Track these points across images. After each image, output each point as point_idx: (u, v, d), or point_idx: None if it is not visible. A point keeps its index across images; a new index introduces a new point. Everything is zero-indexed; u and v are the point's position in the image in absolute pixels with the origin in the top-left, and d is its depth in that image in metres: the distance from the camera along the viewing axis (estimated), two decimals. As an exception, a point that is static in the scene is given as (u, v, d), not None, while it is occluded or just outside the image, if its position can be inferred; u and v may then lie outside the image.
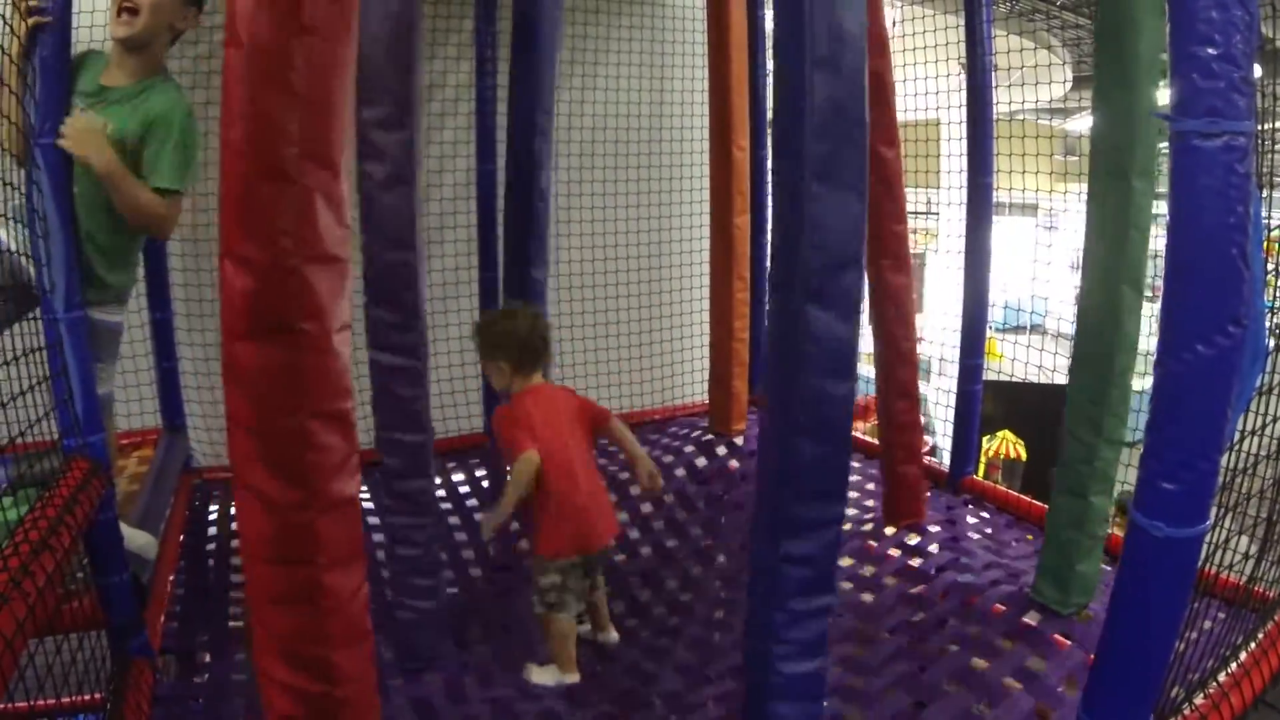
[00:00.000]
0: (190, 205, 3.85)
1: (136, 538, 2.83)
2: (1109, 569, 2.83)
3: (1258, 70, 1.55)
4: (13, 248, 2.45)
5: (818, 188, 1.78)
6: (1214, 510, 1.69)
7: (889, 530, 3.52)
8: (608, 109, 4.94)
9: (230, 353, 1.48)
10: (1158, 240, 2.03)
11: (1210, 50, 1.43)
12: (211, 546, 3.50)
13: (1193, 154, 1.48)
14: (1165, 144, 1.57)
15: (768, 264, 2.04)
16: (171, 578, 3.13)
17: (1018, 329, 10.56)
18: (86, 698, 2.22)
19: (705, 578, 3.48)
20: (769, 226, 4.68)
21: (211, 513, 3.74)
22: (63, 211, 2.38)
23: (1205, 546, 1.77)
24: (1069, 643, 2.59)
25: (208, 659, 2.78)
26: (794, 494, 1.91)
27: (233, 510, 3.64)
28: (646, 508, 4.03)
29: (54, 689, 1.96)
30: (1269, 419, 1.93)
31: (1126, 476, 2.89)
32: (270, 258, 1.43)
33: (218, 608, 3.03)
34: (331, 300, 1.50)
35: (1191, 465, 1.53)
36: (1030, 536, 3.39)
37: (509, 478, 2.73)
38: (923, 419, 7.64)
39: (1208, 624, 2.07)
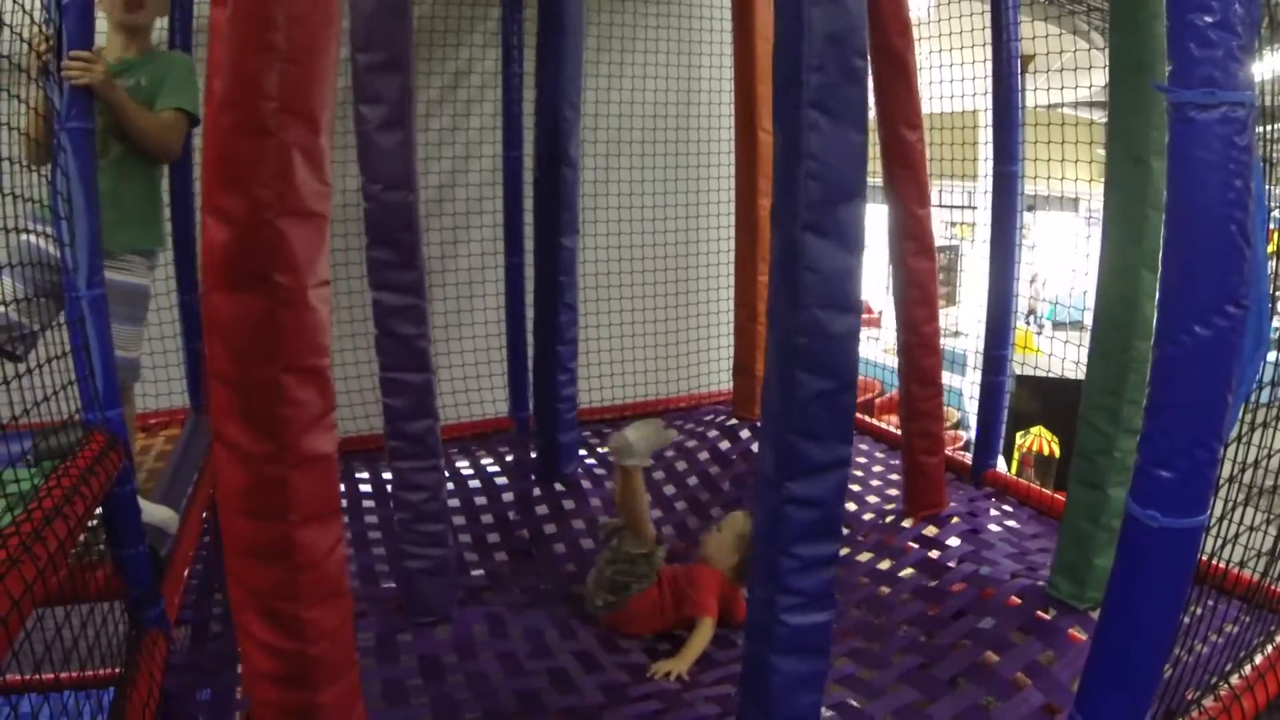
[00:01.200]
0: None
1: (158, 512, 2.87)
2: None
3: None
4: (53, 251, 2.51)
5: (816, 117, 1.76)
6: (1221, 503, 1.65)
7: (907, 522, 3.48)
8: (634, 96, 4.94)
9: (209, 304, 1.50)
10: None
11: (1207, 18, 1.38)
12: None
13: (1189, 126, 1.44)
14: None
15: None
16: (191, 553, 3.16)
17: (1055, 324, 10.42)
18: (106, 672, 2.23)
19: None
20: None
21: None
22: (88, 193, 2.43)
23: (1214, 540, 1.73)
24: (1083, 638, 2.53)
25: (220, 629, 2.80)
26: (797, 432, 1.87)
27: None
28: (669, 489, 4.05)
29: (78, 660, 1.98)
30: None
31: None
32: (247, 210, 1.44)
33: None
34: (307, 255, 1.50)
35: (1188, 453, 1.48)
36: (1051, 530, 3.33)
37: (695, 639, 2.81)
38: (958, 413, 7.59)
39: (1227, 625, 2.03)
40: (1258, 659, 2.13)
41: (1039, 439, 6.70)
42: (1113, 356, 2.54)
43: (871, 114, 2.20)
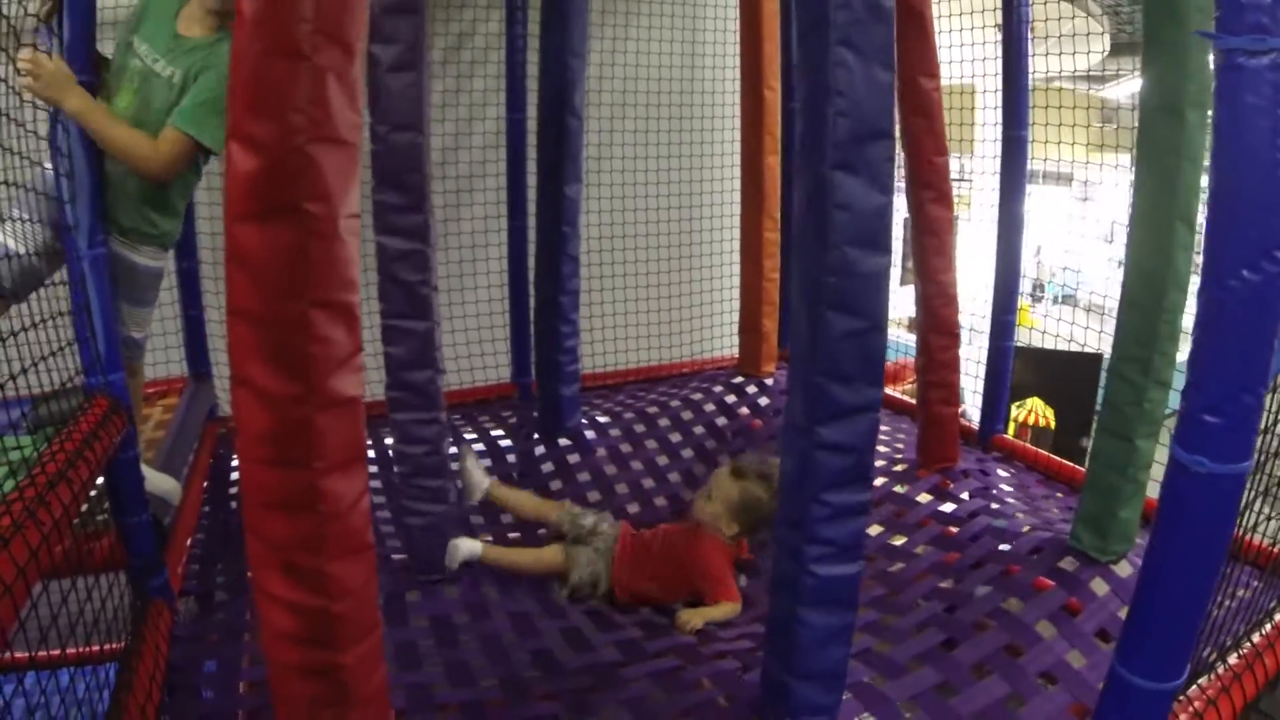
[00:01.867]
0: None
1: (162, 483, 2.84)
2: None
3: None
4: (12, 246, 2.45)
5: (844, 54, 1.74)
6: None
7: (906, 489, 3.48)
8: (639, 59, 4.89)
9: (233, 237, 1.43)
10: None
11: (1254, -33, 1.36)
12: (234, 490, 3.50)
13: (1238, 72, 1.41)
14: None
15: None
16: (194, 522, 3.14)
17: (1049, 299, 10.46)
18: (111, 647, 2.18)
19: None
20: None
21: (235, 459, 3.74)
22: (89, 149, 2.39)
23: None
24: (1107, 589, 2.54)
25: (224, 599, 2.78)
26: (825, 374, 1.84)
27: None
28: (675, 436, 4.08)
29: (83, 634, 1.94)
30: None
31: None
32: (279, 136, 1.38)
33: (238, 551, 3.01)
34: (340, 184, 1.44)
35: (1235, 398, 1.47)
36: (1060, 495, 3.35)
37: (717, 609, 2.81)
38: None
39: (1241, 591, 2.04)
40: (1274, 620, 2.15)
41: (1034, 411, 6.74)
42: (1144, 307, 2.51)
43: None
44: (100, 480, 2.18)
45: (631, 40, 4.84)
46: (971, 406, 3.98)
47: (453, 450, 2.95)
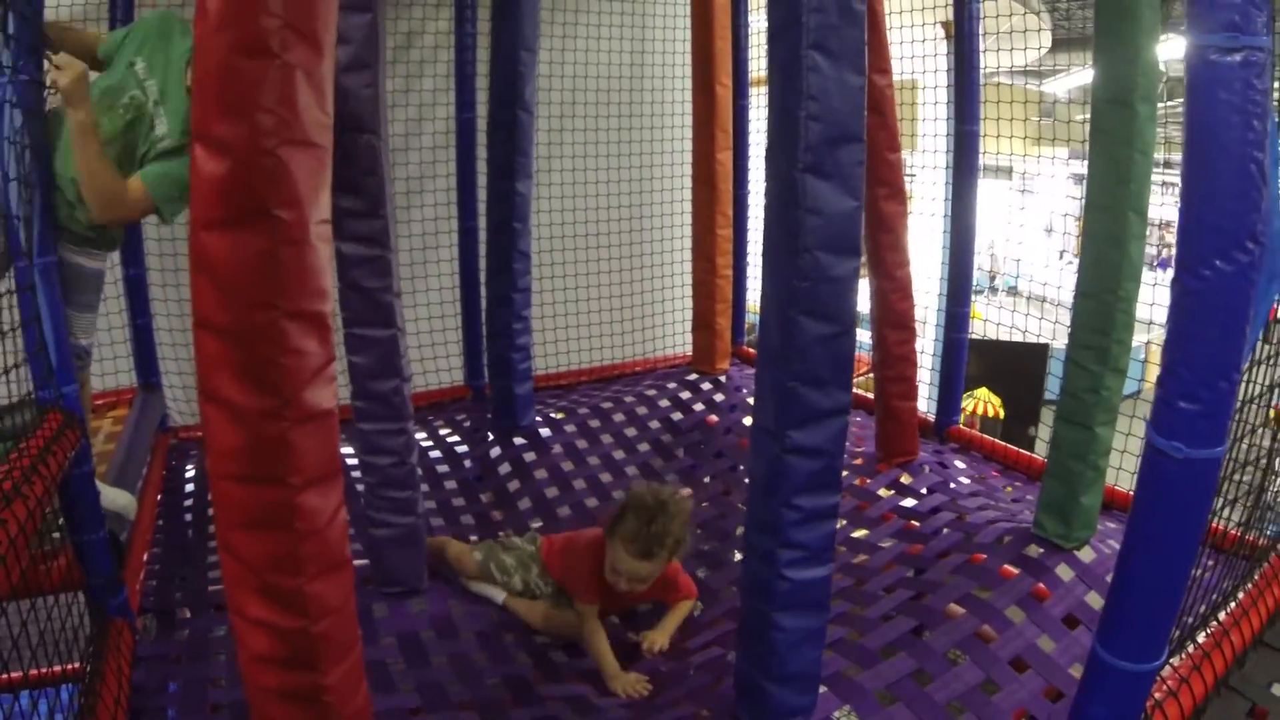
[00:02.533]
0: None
1: (117, 498, 2.76)
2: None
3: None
4: None
5: (816, 59, 1.75)
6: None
7: (866, 482, 3.52)
8: (589, 56, 4.86)
9: (200, 245, 1.38)
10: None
11: (1228, -32, 1.39)
12: (189, 504, 3.42)
13: (1211, 69, 1.44)
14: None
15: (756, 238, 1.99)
16: (150, 538, 3.06)
17: (995, 291, 10.63)
18: (70, 667, 2.11)
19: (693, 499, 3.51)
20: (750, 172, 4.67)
21: (188, 471, 3.67)
22: (40, 156, 2.31)
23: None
24: (1072, 574, 2.58)
25: (187, 616, 2.71)
26: (797, 378, 1.85)
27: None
28: (631, 431, 4.10)
29: (35, 659, 1.86)
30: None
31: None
32: (247, 138, 1.33)
33: (196, 566, 2.97)
34: (310, 189, 1.40)
35: (1211, 384, 1.49)
36: (1018, 484, 3.40)
37: (677, 613, 2.72)
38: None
39: (1204, 573, 2.08)
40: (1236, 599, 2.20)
41: (983, 402, 6.85)
42: (1099, 296, 2.57)
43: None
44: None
45: (581, 37, 4.81)
46: (924, 399, 4.03)
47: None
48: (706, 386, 4.51)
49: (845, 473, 3.46)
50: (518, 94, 3.64)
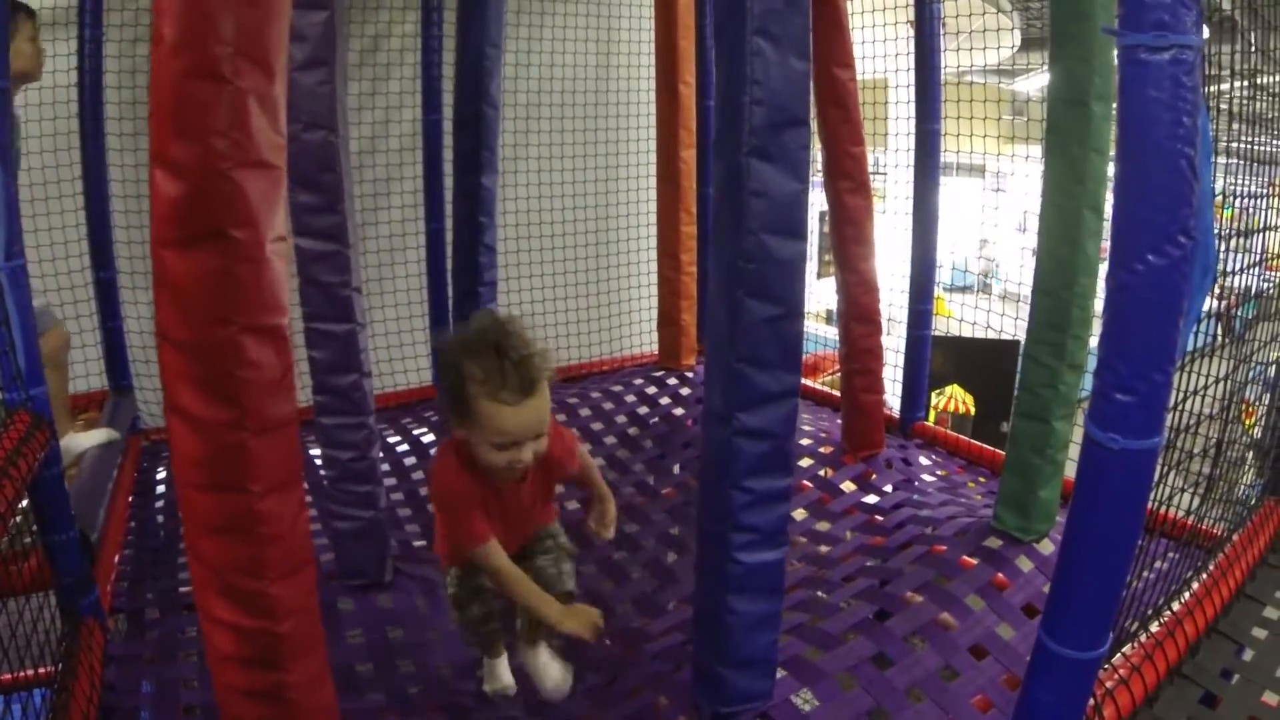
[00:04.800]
0: (134, 161, 3.81)
1: (94, 436, 3.01)
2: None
3: None
4: None
5: (761, 44, 1.78)
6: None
7: (832, 473, 3.57)
8: (554, 55, 4.91)
9: (160, 261, 1.42)
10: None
11: (1157, -36, 1.43)
12: (160, 505, 3.43)
13: (1141, 67, 1.47)
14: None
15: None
16: (121, 538, 3.08)
17: (965, 289, 10.70)
18: (42, 671, 2.13)
19: (657, 488, 3.63)
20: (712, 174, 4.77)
21: (160, 473, 3.68)
22: (2, 156, 2.32)
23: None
24: (1031, 565, 2.63)
25: (158, 616, 2.72)
26: (744, 360, 1.88)
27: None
28: (598, 425, 4.15)
29: (9, 662, 1.89)
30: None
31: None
32: (201, 160, 1.37)
33: (167, 567, 2.98)
34: (265, 208, 1.44)
35: (1146, 376, 1.53)
36: (983, 479, 3.45)
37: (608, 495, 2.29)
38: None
39: (1158, 563, 2.12)
40: (1192, 589, 2.24)
41: (953, 398, 6.90)
42: (1056, 293, 2.61)
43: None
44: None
45: (546, 37, 4.85)
46: (891, 395, 4.10)
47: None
48: (673, 382, 4.58)
49: (811, 461, 3.54)
50: (483, 89, 3.66)
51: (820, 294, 9.10)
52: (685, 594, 2.84)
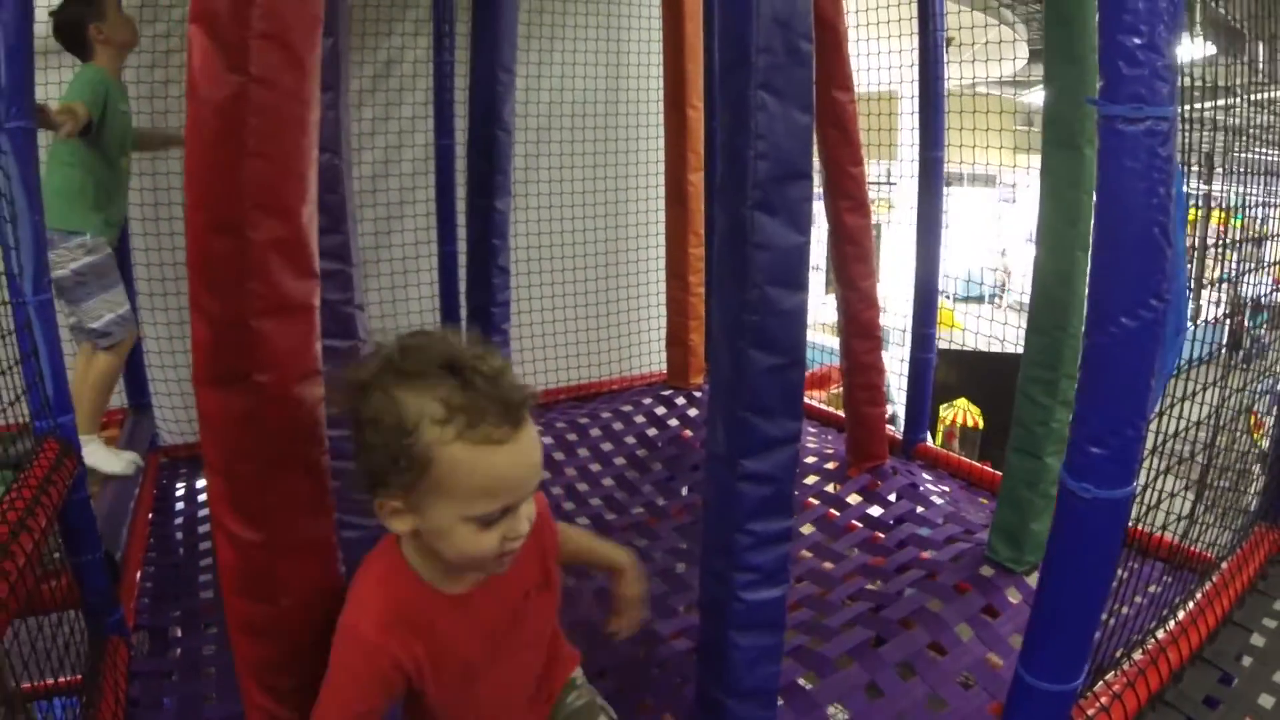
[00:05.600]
0: (152, 185, 3.89)
1: (121, 463, 3.19)
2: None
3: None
4: None
5: (765, 98, 1.81)
6: (1145, 472, 1.79)
7: (839, 488, 3.63)
8: (564, 80, 4.98)
9: (199, 397, 1.48)
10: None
11: (1135, 40, 1.48)
12: (180, 522, 3.51)
13: (1118, 137, 1.53)
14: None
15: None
16: (142, 556, 3.16)
17: (976, 299, 10.70)
18: (65, 680, 2.21)
19: (667, 508, 3.66)
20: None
21: (179, 490, 3.76)
22: (30, 195, 2.39)
23: (1138, 507, 1.86)
24: (1020, 598, 2.69)
25: (179, 634, 2.80)
26: (748, 408, 1.92)
27: (199, 484, 3.71)
28: (607, 446, 4.19)
29: (37, 672, 1.98)
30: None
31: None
32: (222, 311, 1.42)
33: (188, 584, 3.06)
34: (291, 350, 1.49)
35: (1118, 431, 1.59)
36: (984, 501, 3.50)
37: (627, 579, 1.88)
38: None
39: (1151, 587, 2.18)
40: (1180, 615, 2.30)
41: (963, 412, 6.91)
42: (1049, 332, 2.68)
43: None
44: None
45: (557, 62, 4.93)
46: (900, 407, 4.14)
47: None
48: (681, 401, 4.64)
49: (817, 478, 3.60)
50: (496, 113, 3.72)
51: (830, 307, 9.10)
52: (694, 599, 2.89)
